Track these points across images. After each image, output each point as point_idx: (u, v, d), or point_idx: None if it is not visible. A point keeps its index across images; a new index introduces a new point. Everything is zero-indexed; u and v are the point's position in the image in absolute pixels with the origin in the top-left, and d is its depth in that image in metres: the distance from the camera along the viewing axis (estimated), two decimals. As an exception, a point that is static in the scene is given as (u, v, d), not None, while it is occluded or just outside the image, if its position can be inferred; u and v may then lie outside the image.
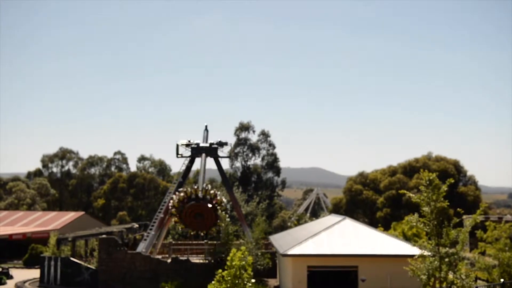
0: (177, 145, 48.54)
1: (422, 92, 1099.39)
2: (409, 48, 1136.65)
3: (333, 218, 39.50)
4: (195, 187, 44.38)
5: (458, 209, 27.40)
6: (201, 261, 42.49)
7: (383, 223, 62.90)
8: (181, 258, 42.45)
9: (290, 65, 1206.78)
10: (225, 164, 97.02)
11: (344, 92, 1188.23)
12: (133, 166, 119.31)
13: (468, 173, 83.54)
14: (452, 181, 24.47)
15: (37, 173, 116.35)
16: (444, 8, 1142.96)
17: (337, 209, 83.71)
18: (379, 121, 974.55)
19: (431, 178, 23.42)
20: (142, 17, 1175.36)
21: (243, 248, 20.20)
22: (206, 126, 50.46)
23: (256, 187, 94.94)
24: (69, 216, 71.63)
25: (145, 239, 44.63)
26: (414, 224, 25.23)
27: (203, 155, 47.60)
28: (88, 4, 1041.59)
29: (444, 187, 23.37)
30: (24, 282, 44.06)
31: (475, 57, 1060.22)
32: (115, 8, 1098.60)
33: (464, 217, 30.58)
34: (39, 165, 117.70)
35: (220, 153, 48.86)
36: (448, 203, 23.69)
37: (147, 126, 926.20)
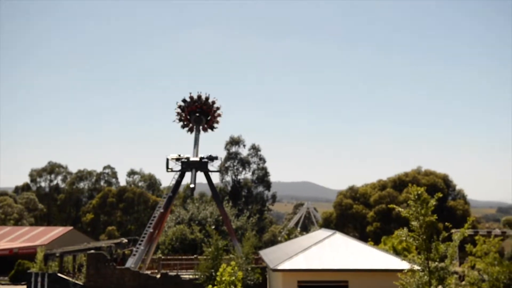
0: (167, 159, 48.39)
1: (412, 106, 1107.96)
2: (399, 62, 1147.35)
3: (324, 232, 39.40)
4: None
5: (447, 223, 27.44)
6: (191, 276, 42.17)
7: (373, 238, 62.88)
8: (170, 273, 42.10)
9: (282, 79, 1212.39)
10: (216, 178, 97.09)
11: (335, 106, 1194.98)
12: (122, 181, 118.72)
13: (457, 187, 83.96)
14: (441, 195, 24.55)
15: (25, 187, 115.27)
16: (434, 20, 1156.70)
17: (327, 224, 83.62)
18: (369, 135, 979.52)
19: (419, 192, 23.51)
20: (131, 32, 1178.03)
21: (233, 263, 20.14)
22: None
23: (247, 201, 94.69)
24: (57, 231, 70.83)
25: (134, 254, 44.24)
26: (404, 238, 25.27)
27: (193, 169, 47.51)
28: (75, 20, 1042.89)
29: (433, 202, 23.45)
30: (11, 298, 43.54)
31: (465, 70, 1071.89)
32: (102, 24, 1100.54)
33: (453, 231, 30.62)
34: (27, 180, 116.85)
35: (210, 167, 48.75)
36: (437, 217, 23.75)
37: (137, 140, 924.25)
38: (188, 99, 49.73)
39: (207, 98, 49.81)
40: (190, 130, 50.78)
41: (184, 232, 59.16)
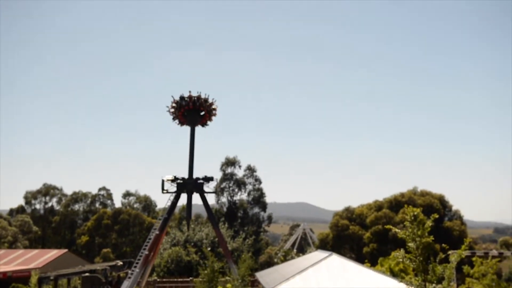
0: (163, 181, 48.28)
1: (408, 126, 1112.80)
2: (394, 82, 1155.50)
3: (320, 254, 39.25)
4: None
5: (444, 244, 27.41)
6: (186, 299, 41.82)
7: (370, 259, 62.58)
8: (166, 296, 41.76)
9: (277, 100, 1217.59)
10: (211, 199, 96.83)
11: (331, 127, 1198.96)
12: (118, 202, 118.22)
13: (454, 208, 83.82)
14: (437, 216, 24.55)
15: (20, 210, 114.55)
16: (427, 36, 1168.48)
17: (323, 245, 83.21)
18: (365, 155, 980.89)
19: (415, 213, 23.51)
20: (126, 53, 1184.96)
21: (229, 285, 20.00)
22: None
23: (242, 222, 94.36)
24: (52, 254, 70.16)
25: (130, 277, 43.87)
26: (401, 260, 25.20)
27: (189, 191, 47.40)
28: (71, 40, 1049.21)
29: (429, 223, 23.44)
30: (4, 323, 42.97)
31: (462, 89, 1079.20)
32: (96, 45, 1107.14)
33: (450, 252, 30.54)
34: (22, 202, 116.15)
35: (206, 188, 48.64)
36: (434, 238, 23.72)
37: (132, 161, 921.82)
38: (186, 98, 48.81)
39: (205, 100, 49.63)
40: (181, 123, 50.42)
41: (179, 254, 58.80)
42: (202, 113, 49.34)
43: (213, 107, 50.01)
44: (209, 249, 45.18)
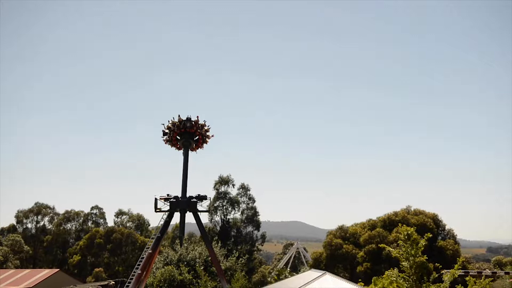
0: (156, 199, 48.07)
1: (401, 146, 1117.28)
2: (389, 101, 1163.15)
3: (314, 273, 39.16)
4: None
5: (437, 263, 27.46)
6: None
7: (364, 278, 62.33)
8: (158, 316, 41.36)
9: (270, 117, 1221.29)
10: (205, 218, 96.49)
11: (324, 145, 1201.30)
12: (110, 221, 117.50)
13: (447, 227, 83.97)
14: (430, 235, 24.71)
15: (11, 229, 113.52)
16: (421, 50, 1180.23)
17: (317, 264, 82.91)
18: (358, 174, 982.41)
19: (409, 232, 23.63)
20: (118, 69, 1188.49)
21: (222, 305, 19.90)
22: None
23: (236, 241, 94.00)
24: (43, 273, 69.42)
25: (122, 297, 43.52)
26: (394, 279, 25.22)
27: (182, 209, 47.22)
28: (63, 56, 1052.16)
29: (423, 242, 23.56)
30: None
31: (457, 108, 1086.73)
32: (90, 60, 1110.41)
33: (443, 271, 30.57)
34: (13, 221, 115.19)
35: (199, 207, 48.41)
36: (427, 258, 23.82)
37: (125, 180, 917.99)
38: (186, 122, 48.08)
39: (202, 125, 49.40)
40: (174, 146, 50.13)
41: (172, 273, 58.34)
42: (196, 137, 49.22)
43: (208, 133, 49.85)
44: (202, 268, 45.17)
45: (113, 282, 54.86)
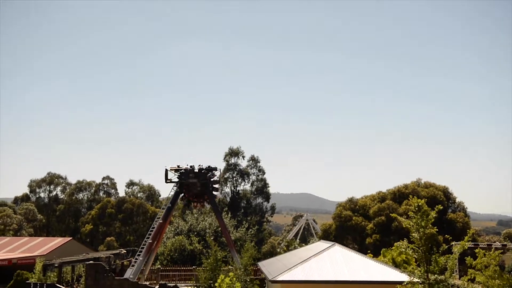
0: (166, 170, 48.40)
1: (412, 118, 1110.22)
2: (399, 72, 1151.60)
3: (323, 244, 39.33)
4: None
5: (447, 235, 27.42)
6: (190, 287, 42.02)
7: (373, 250, 62.63)
8: (169, 284, 41.97)
9: (281, 88, 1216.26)
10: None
11: (335, 118, 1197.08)
12: (121, 191, 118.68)
13: (457, 200, 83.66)
14: (441, 207, 24.58)
15: (24, 198, 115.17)
16: (434, 26, 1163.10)
17: (326, 235, 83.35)
18: (368, 147, 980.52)
19: (420, 204, 23.54)
20: (130, 40, 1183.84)
21: (231, 274, 20.08)
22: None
23: (246, 212, 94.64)
24: (56, 241, 70.53)
25: (133, 265, 44.12)
26: (404, 249, 25.26)
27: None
28: (78, 27, 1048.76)
29: (433, 214, 23.48)
30: (9, 309, 43.28)
31: (466, 81, 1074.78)
32: (102, 31, 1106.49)
33: (453, 243, 30.54)
34: (26, 191, 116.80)
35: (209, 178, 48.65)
36: (437, 230, 23.78)
37: (136, 151, 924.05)
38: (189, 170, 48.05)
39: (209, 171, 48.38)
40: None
41: (183, 243, 59.03)
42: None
43: (215, 186, 49.07)
44: (212, 238, 45.48)
45: (125, 251, 55.53)
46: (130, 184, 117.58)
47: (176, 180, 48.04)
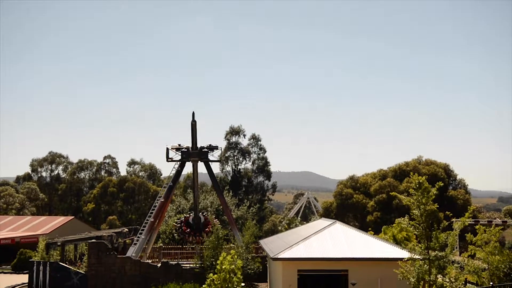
0: (167, 149, 48.35)
1: (413, 96, 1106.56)
2: (402, 52, 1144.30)
3: (324, 222, 39.42)
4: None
5: (448, 212, 27.46)
6: (192, 265, 42.31)
7: (374, 227, 62.95)
8: (171, 262, 42.22)
9: (282, 67, 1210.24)
10: (216, 168, 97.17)
11: (335, 96, 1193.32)
12: (123, 170, 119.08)
13: (458, 177, 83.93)
14: (442, 184, 24.57)
15: (26, 177, 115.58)
16: (436, 11, 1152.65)
17: (327, 213, 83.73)
18: (369, 125, 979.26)
19: (420, 181, 23.53)
20: (130, 21, 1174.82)
21: (232, 252, 20.12)
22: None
23: (247, 191, 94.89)
24: (59, 220, 71.05)
25: (135, 244, 44.38)
26: (405, 226, 25.34)
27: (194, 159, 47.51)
28: (76, 10, 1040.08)
29: (434, 191, 23.47)
30: (13, 287, 43.59)
31: (468, 62, 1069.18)
32: (102, 13, 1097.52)
33: (453, 220, 30.64)
34: (28, 170, 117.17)
35: (210, 157, 48.68)
36: (438, 207, 23.80)
37: (137, 130, 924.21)
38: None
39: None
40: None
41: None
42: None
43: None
44: (213, 216, 45.71)
45: (127, 230, 55.89)
46: (132, 163, 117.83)
47: (177, 158, 48.07)
